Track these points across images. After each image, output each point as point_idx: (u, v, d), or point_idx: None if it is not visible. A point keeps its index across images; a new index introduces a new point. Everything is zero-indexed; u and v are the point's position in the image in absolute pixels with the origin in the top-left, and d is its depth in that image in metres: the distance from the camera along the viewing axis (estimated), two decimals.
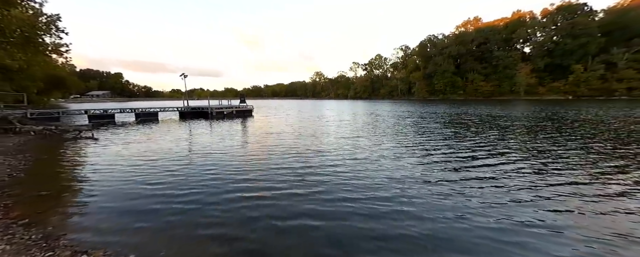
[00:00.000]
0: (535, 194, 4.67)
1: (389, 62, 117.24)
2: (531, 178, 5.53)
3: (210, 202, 4.41)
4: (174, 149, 9.08)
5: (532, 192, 4.75)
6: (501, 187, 5.01)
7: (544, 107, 30.10)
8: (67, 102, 60.07)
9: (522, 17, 77.20)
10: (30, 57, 24.63)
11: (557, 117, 18.38)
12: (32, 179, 5.83)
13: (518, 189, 4.91)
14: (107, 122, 18.81)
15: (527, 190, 4.88)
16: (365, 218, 3.80)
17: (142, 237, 3.34)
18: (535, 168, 6.27)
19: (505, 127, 13.64)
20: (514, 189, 4.92)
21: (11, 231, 3.34)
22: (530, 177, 5.62)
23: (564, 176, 5.69)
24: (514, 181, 5.36)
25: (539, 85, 66.51)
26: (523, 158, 7.25)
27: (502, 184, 5.21)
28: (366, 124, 16.48)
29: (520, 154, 7.78)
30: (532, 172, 5.93)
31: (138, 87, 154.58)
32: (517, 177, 5.64)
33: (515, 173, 5.91)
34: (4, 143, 9.46)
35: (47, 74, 32.95)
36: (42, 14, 25.93)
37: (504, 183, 5.25)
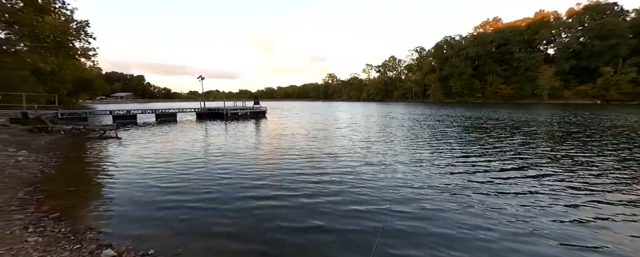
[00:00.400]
0: (573, 212, 4.12)
1: (403, 63, 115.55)
2: (566, 192, 4.93)
3: (225, 202, 4.50)
4: (191, 149, 9.37)
5: (568, 209, 4.21)
6: (534, 203, 4.44)
7: (571, 111, 28.55)
8: (94, 103, 63.54)
9: (546, 17, 73.87)
10: (62, 61, 26.33)
11: (588, 122, 17.22)
12: (62, 175, 6.19)
13: (549, 204, 4.41)
14: (130, 122, 19.70)
15: (561, 205, 4.35)
16: (378, 230, 3.39)
17: (160, 234, 3.47)
18: (570, 180, 5.62)
19: (531, 133, 12.82)
20: (545, 203, 4.43)
21: (43, 224, 3.56)
22: (564, 191, 5.00)
23: (603, 189, 5.09)
24: (546, 194, 4.79)
25: (564, 89, 63.17)
26: (555, 168, 6.55)
27: (535, 199, 4.60)
28: (380, 127, 16.17)
29: (550, 163, 7.05)
30: (567, 186, 5.26)
31: (158, 89, 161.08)
32: (548, 189, 5.04)
33: (547, 185, 5.30)
34: (37, 141, 10.13)
35: (76, 76, 35.07)
36: (72, 20, 27.72)
37: (537, 197, 4.66)
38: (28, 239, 3.06)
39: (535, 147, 9.35)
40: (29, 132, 11.91)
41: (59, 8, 25.90)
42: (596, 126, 15.07)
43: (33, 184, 5.27)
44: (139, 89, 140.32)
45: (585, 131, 13.57)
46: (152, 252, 2.98)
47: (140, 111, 22.53)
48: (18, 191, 4.78)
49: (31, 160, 7.03)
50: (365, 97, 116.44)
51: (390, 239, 3.32)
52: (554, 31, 70.44)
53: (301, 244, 3.24)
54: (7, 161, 6.62)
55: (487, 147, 9.52)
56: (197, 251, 3.09)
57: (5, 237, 3.07)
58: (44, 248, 2.91)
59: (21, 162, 6.72)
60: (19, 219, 3.63)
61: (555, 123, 17.29)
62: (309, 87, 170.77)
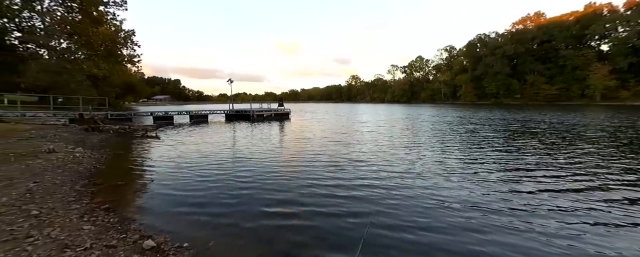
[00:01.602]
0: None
1: (431, 64, 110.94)
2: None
3: (252, 199, 4.71)
4: (222, 148, 9.91)
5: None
6: (599, 223, 3.72)
7: (634, 113, 25.02)
8: (137, 105, 69.71)
9: (598, 10, 66.18)
10: (111, 67, 29.32)
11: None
12: (111, 170, 6.87)
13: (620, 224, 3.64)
14: (168, 122, 21.29)
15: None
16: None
17: (194, 228, 3.70)
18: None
19: (592, 140, 10.83)
20: (614, 224, 3.67)
21: (95, 214, 3.97)
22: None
23: None
24: (615, 214, 3.99)
25: (622, 89, 56.01)
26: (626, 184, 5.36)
27: (599, 217, 3.90)
28: (409, 131, 15.12)
29: (620, 176, 5.82)
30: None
31: (192, 92, 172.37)
32: (618, 208, 4.20)
33: (616, 203, 4.37)
34: (91, 139, 11.36)
35: (123, 81, 38.81)
36: (121, 30, 30.74)
37: (600, 216, 3.94)
38: (83, 227, 3.44)
39: (603, 157, 7.74)
40: (85, 131, 13.40)
41: (110, 19, 28.95)
42: None
43: (88, 177, 5.91)
44: (175, 92, 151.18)
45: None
46: (187, 245, 3.19)
47: (176, 113, 24.28)
48: (76, 183, 5.39)
49: (86, 156, 7.89)
50: (389, 99, 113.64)
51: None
52: (609, 25, 62.81)
53: (321, 246, 3.25)
54: (68, 156, 7.49)
55: (537, 157, 8.02)
56: (227, 246, 3.25)
57: (66, 224, 3.47)
58: (96, 236, 3.25)
59: (78, 157, 7.57)
60: (76, 208, 4.09)
61: (623, 127, 14.76)
62: (331, 89, 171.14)
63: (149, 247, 3.05)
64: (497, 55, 76.64)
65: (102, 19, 27.52)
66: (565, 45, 68.45)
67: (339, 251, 3.13)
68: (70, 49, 26.53)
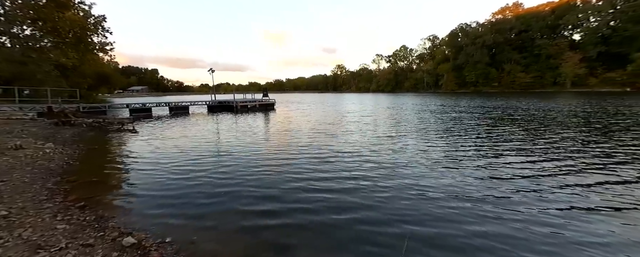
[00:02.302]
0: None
1: (415, 53, 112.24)
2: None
3: (237, 193, 4.68)
4: (203, 141, 9.70)
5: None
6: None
7: (597, 99, 26.77)
8: (112, 96, 66.09)
9: (572, 1, 68.89)
10: (81, 55, 27.44)
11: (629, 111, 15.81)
12: (86, 166, 6.59)
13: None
14: (145, 115, 20.44)
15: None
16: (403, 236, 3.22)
17: (176, 222, 3.67)
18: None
19: (567, 125, 11.46)
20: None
21: (70, 212, 3.84)
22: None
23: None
24: (593, 198, 4.21)
25: (591, 76, 59.57)
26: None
27: (579, 201, 4.10)
28: (393, 120, 15.46)
29: (596, 160, 6.24)
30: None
31: (171, 82, 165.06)
32: (596, 192, 4.45)
33: (595, 187, 4.64)
34: (62, 134, 10.74)
35: (96, 71, 36.50)
36: (90, 15, 28.61)
37: (581, 200, 4.14)
38: (57, 227, 3.33)
39: (576, 142, 8.24)
40: (55, 125, 12.63)
41: (77, 3, 26.79)
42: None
43: (60, 174, 5.65)
44: (153, 83, 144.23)
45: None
46: (169, 240, 3.17)
47: (154, 104, 23.29)
48: (47, 181, 5.14)
49: (57, 152, 7.50)
50: (374, 88, 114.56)
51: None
52: (582, 15, 65.79)
53: (312, 238, 3.31)
54: (37, 152, 7.09)
55: (519, 143, 8.39)
56: (211, 240, 3.25)
57: (38, 224, 3.35)
58: (71, 235, 3.16)
59: (49, 154, 7.18)
60: (48, 207, 3.93)
61: (595, 113, 15.79)
62: (317, 79, 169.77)
63: (129, 244, 3.02)
64: (478, 44, 78.60)
65: (68, 4, 25.42)
66: (540, 34, 71.25)
67: (325, 244, 3.19)
68: (35, 37, 24.45)
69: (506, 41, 75.53)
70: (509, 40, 75.56)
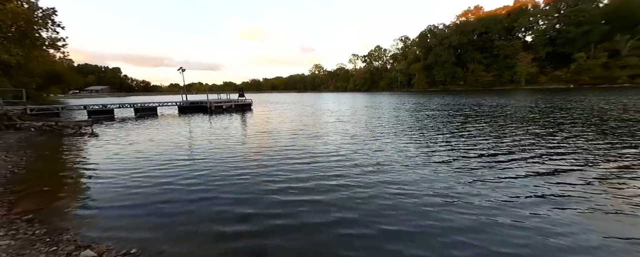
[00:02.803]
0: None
1: (389, 53, 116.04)
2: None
3: (208, 200, 4.41)
4: (172, 145, 9.11)
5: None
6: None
7: (546, 96, 29.75)
8: (67, 97, 60.00)
9: (524, 5, 75.78)
10: (28, 52, 24.44)
11: (570, 106, 17.86)
12: (34, 175, 5.89)
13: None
14: (107, 117, 18.84)
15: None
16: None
17: (143, 232, 3.40)
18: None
19: (529, 119, 12.84)
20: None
21: (15, 226, 3.40)
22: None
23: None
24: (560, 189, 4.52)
25: (541, 74, 66.01)
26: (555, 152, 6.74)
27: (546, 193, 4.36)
28: (369, 118, 15.74)
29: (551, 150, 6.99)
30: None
31: (136, 82, 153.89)
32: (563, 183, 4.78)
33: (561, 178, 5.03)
34: (5, 140, 9.51)
35: (45, 69, 32.79)
36: (37, 8, 25.56)
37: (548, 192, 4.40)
38: (0, 243, 2.93)
39: (537, 136, 9.16)
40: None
41: None
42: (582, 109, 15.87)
43: (3, 184, 5.00)
44: (115, 82, 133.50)
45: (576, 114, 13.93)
46: (135, 252, 2.94)
47: (117, 106, 21.55)
48: None
49: (0, 160, 6.63)
50: (351, 87, 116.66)
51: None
52: (532, 18, 72.58)
53: (285, 245, 3.22)
54: None
55: (489, 137, 9.26)
56: (182, 248, 3.06)
57: None
58: (17, 252, 2.80)
59: None
60: None
61: (535, 108, 17.78)
62: (295, 79, 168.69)
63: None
64: (445, 45, 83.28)
65: None
66: (498, 36, 77.36)
67: (304, 251, 3.07)
68: None
69: (469, 42, 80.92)
70: (472, 41, 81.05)
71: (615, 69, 53.11)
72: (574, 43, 60.79)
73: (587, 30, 58.37)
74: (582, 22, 59.23)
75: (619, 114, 13.59)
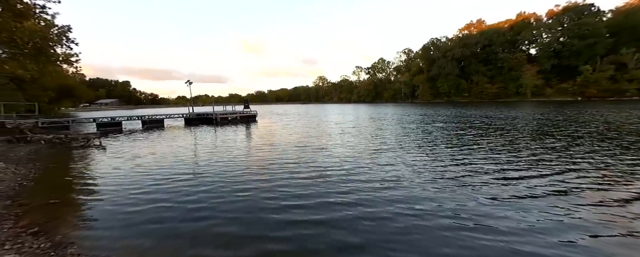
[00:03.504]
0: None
1: (392, 65, 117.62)
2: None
3: (213, 215, 4.34)
4: (178, 157, 9.14)
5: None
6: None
7: (556, 108, 29.27)
8: (77, 110, 61.50)
9: (527, 18, 76.87)
10: (42, 67, 25.39)
11: (584, 119, 17.25)
12: (42, 187, 5.95)
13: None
14: (115, 130, 19.16)
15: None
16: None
17: (148, 246, 3.37)
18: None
19: (543, 132, 12.41)
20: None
21: (20, 239, 3.41)
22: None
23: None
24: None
25: (547, 87, 65.66)
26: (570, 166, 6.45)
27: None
28: (376, 130, 15.27)
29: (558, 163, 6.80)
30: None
31: (145, 95, 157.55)
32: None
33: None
34: (16, 152, 9.71)
35: (58, 83, 33.89)
36: (53, 25, 26.81)
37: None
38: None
39: (529, 145, 9.34)
40: (7, 142, 11.42)
41: (39, 13, 25.08)
42: (590, 122, 15.53)
43: (10, 197, 5.04)
44: (124, 95, 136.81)
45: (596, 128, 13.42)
46: None
47: (125, 118, 21.96)
48: None
49: (9, 172, 6.73)
50: (355, 99, 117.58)
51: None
52: (536, 32, 73.23)
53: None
54: None
55: (490, 147, 9.34)
56: None
57: None
58: None
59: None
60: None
61: (546, 120, 17.42)
62: (299, 90, 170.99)
63: None
64: (448, 57, 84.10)
65: (28, 13, 23.64)
66: (502, 49, 77.99)
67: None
68: None
69: (473, 54, 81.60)
70: (475, 54, 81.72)
71: (622, 81, 52.68)
72: (579, 56, 60.78)
73: (592, 43, 58.48)
74: (586, 35, 59.46)
75: (638, 127, 12.91)
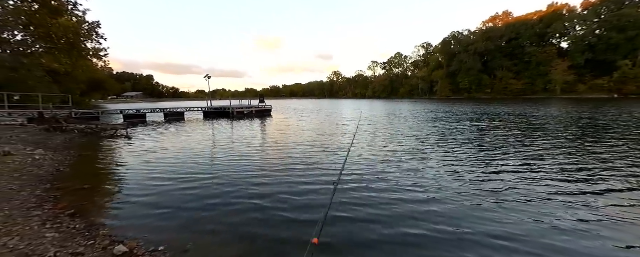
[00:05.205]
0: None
1: (410, 60, 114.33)
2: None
3: (233, 201, 4.59)
4: (198, 147, 9.57)
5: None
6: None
7: (596, 106, 27.05)
8: (106, 103, 65.26)
9: (559, 10, 71.51)
10: (75, 61, 27.12)
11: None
12: (76, 173, 6.43)
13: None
14: (140, 121, 20.16)
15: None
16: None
17: (170, 231, 3.58)
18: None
19: (558, 131, 11.35)
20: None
21: (59, 220, 3.72)
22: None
23: None
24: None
25: (579, 83, 61.26)
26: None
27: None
28: (396, 128, 14.06)
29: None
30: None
31: (167, 89, 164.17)
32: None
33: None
34: (53, 140, 10.51)
35: (89, 77, 36.08)
36: (84, 22, 28.42)
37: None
38: (46, 235, 3.22)
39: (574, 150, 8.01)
40: (45, 131, 12.36)
41: (71, 10, 26.65)
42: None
43: (50, 182, 5.50)
44: (148, 89, 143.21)
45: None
46: (162, 249, 3.09)
47: (149, 111, 23.03)
48: (36, 188, 5.00)
49: (48, 158, 7.32)
50: (370, 94, 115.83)
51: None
52: (568, 24, 68.14)
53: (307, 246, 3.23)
54: (26, 159, 6.91)
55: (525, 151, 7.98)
56: (206, 247, 3.18)
57: (26, 233, 3.23)
58: (60, 244, 3.05)
59: (38, 160, 7.00)
60: (37, 215, 3.81)
61: (595, 119, 15.58)
62: (314, 85, 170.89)
63: (121, 253, 2.93)
64: (470, 52, 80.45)
65: (62, 10, 25.25)
66: (530, 42, 73.37)
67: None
68: (27, 42, 24.14)
69: (497, 49, 77.49)
70: (500, 48, 77.54)
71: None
72: (617, 50, 56.04)
73: (633, 36, 53.67)
74: (626, 27, 54.60)
75: None
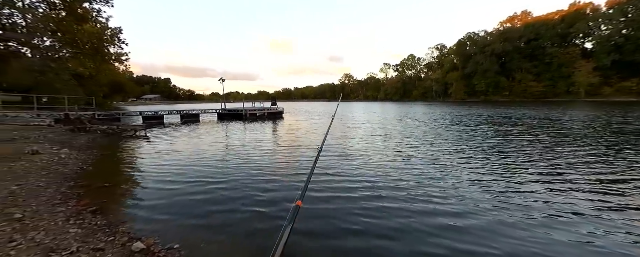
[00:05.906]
0: None
1: (423, 62, 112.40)
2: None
3: (247, 202, 4.61)
4: (213, 148, 9.77)
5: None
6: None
7: (624, 109, 25.42)
8: (126, 105, 68.16)
9: (582, 9, 68.27)
10: (98, 65, 28.56)
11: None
12: (99, 172, 6.69)
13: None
14: (158, 122, 20.87)
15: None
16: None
17: (185, 230, 3.63)
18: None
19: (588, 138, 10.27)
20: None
21: (82, 216, 3.87)
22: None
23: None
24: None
25: (605, 86, 58.01)
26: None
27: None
28: (412, 133, 12.88)
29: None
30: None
31: (183, 91, 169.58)
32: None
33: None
34: (77, 140, 11.04)
35: (111, 80, 37.86)
36: (107, 28, 29.92)
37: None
38: (70, 231, 3.34)
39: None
40: (71, 131, 13.01)
41: (95, 17, 28.12)
42: None
43: (74, 179, 5.74)
44: (165, 91, 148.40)
45: None
46: (178, 247, 3.14)
47: (167, 112, 23.84)
48: (61, 185, 5.23)
49: (72, 157, 7.67)
50: (382, 97, 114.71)
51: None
52: (593, 24, 64.86)
53: (318, 248, 3.23)
54: (53, 158, 7.27)
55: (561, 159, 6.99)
56: (220, 246, 3.21)
57: (51, 228, 3.37)
58: (82, 239, 3.16)
59: (64, 159, 7.35)
60: (62, 211, 3.97)
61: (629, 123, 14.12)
62: (325, 88, 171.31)
63: (139, 250, 2.99)
64: (487, 53, 78.09)
65: (87, 17, 26.71)
66: (551, 43, 70.29)
67: (342, 249, 3.12)
68: (54, 47, 25.68)
69: (516, 50, 74.82)
70: (519, 49, 74.82)
71: None
72: None
73: None
74: None
75: None
